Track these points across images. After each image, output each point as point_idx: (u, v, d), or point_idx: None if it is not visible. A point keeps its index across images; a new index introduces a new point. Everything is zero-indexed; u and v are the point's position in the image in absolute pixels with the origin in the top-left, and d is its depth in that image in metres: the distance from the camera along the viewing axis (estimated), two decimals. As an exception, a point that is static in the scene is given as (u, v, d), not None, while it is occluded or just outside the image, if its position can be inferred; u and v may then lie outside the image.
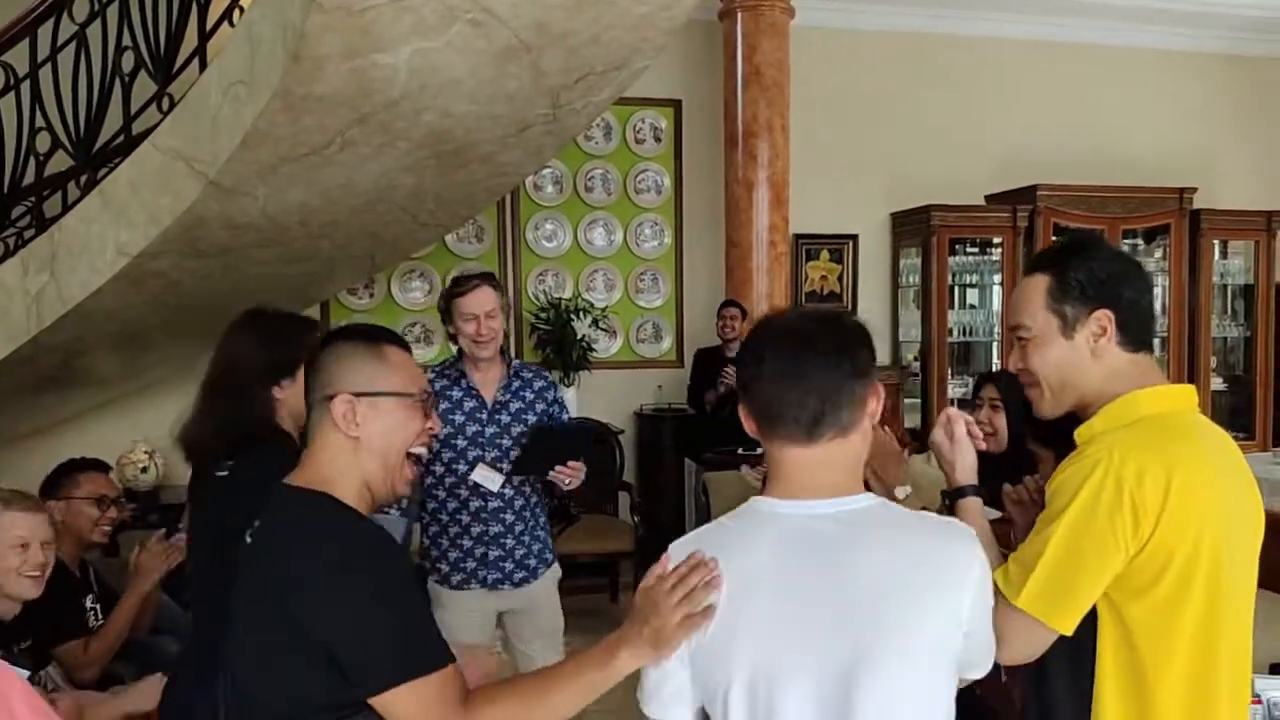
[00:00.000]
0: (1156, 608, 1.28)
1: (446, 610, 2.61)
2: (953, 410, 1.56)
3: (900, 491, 1.52)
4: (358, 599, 1.20)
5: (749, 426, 1.27)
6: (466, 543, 2.64)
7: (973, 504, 1.48)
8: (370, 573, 1.21)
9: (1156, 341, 1.83)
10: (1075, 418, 1.43)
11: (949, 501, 1.52)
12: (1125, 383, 1.37)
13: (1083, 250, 1.42)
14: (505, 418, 2.68)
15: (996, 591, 1.28)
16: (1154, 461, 1.27)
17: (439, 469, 2.63)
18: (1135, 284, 1.39)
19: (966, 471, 1.50)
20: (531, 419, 2.70)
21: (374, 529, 1.28)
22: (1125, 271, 1.40)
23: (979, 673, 1.27)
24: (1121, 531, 1.26)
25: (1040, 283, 1.41)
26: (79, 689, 2.40)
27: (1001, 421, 2.04)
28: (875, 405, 1.26)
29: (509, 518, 2.67)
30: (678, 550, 1.26)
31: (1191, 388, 1.43)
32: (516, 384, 2.73)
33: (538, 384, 2.77)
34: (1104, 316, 1.37)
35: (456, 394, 2.66)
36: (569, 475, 2.60)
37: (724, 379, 5.06)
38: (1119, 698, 1.31)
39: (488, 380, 2.68)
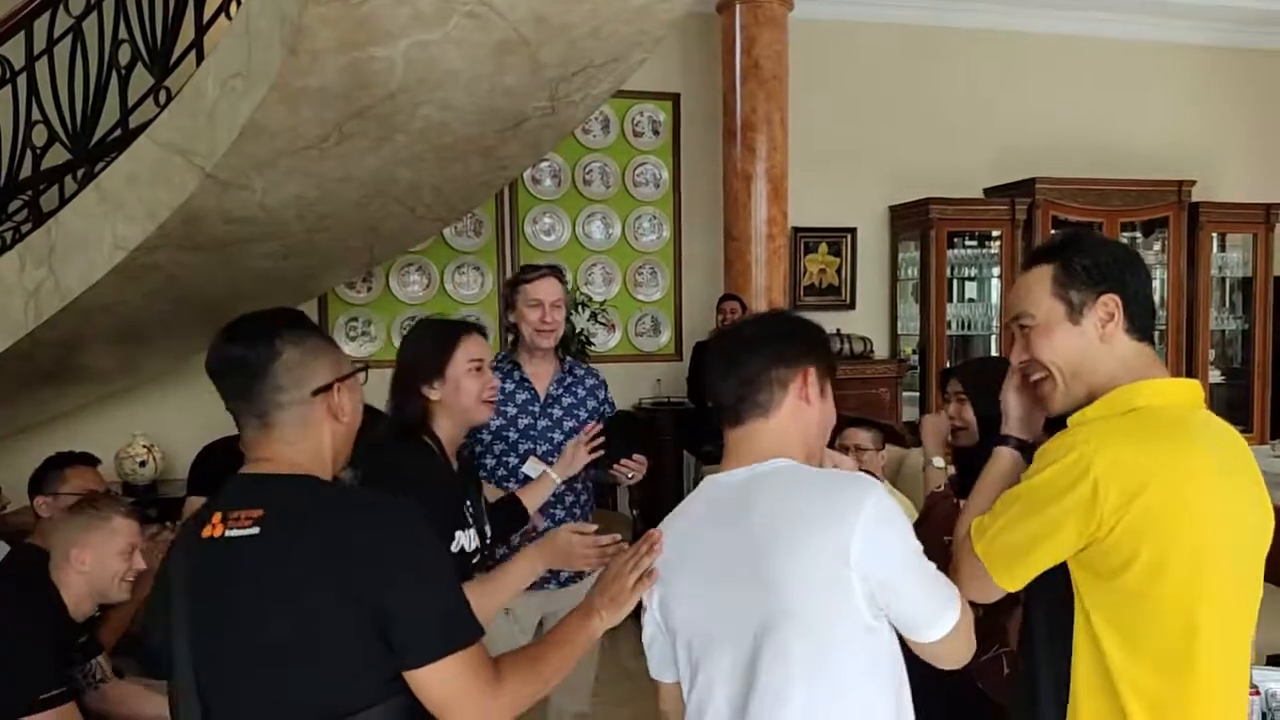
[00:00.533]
0: (1124, 595, 1.28)
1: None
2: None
3: (937, 461, 1.77)
4: (416, 569, 1.22)
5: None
6: (515, 538, 2.51)
7: (1004, 453, 1.52)
8: (423, 544, 1.25)
9: (1155, 335, 1.82)
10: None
11: (993, 444, 1.58)
12: (1129, 370, 1.35)
13: (1082, 240, 1.43)
14: (557, 411, 2.63)
15: (969, 534, 1.38)
16: (1131, 456, 1.25)
17: (490, 462, 2.57)
18: (1138, 272, 1.38)
19: (1013, 423, 1.54)
20: (583, 415, 2.64)
21: (411, 503, 1.28)
22: (1128, 259, 1.39)
23: (924, 634, 1.29)
24: (1076, 516, 1.26)
25: (1043, 272, 1.40)
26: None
27: (969, 414, 2.02)
28: (801, 386, 1.39)
29: (559, 513, 2.59)
30: (664, 523, 1.48)
31: (1196, 383, 1.40)
32: (569, 380, 2.68)
33: (589, 381, 2.73)
34: (1111, 300, 1.35)
35: (509, 386, 2.59)
36: (634, 469, 2.52)
37: None
38: (1089, 678, 1.31)
39: (541, 373, 2.64)
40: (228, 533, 1.22)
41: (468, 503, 2.07)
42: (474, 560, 2.04)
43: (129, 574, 2.30)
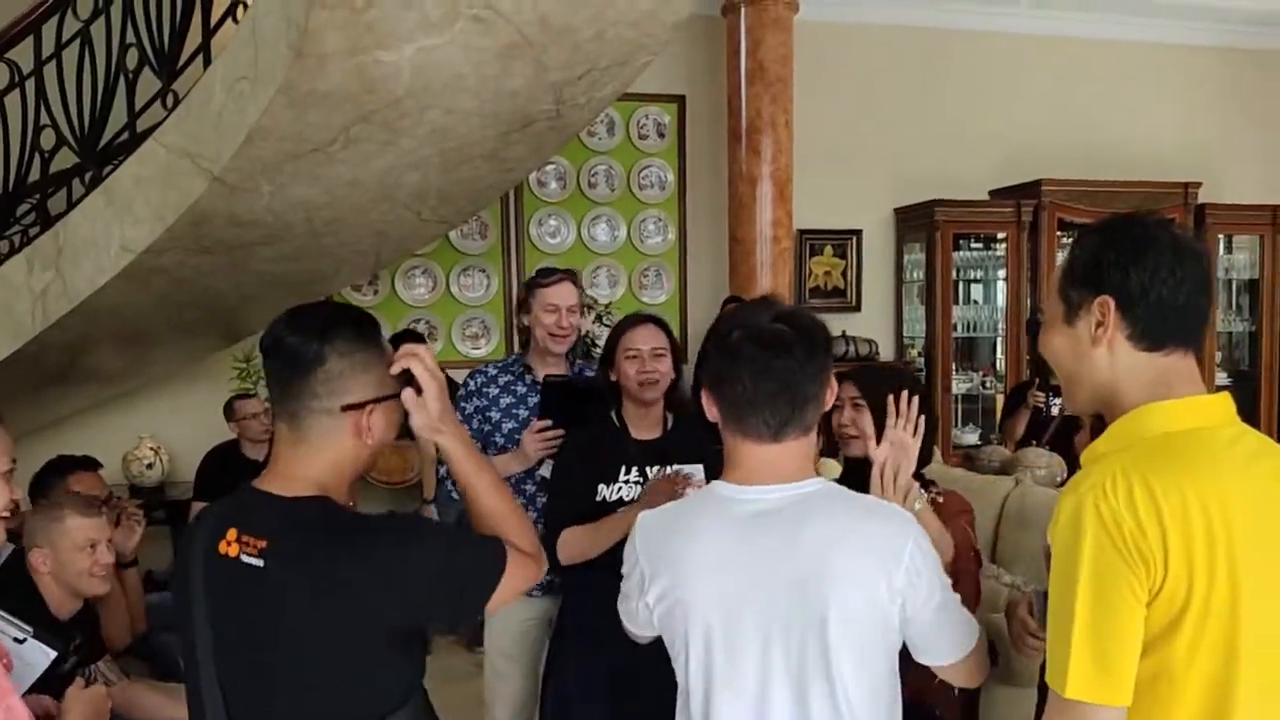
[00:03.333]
0: (1165, 664, 1.10)
1: (497, 615, 2.51)
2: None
3: (917, 504, 1.63)
4: (429, 570, 1.26)
5: (711, 413, 1.39)
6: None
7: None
8: (430, 534, 1.35)
9: (1190, 342, 1.24)
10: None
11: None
12: (1141, 387, 1.18)
13: (1109, 226, 1.24)
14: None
15: (1051, 692, 1.14)
16: (1147, 494, 1.09)
17: None
18: (1153, 268, 1.16)
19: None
20: None
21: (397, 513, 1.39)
22: (1139, 251, 1.17)
23: (948, 659, 1.38)
24: (1138, 574, 1.09)
25: (1062, 261, 1.27)
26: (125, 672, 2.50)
27: (866, 420, 1.90)
28: (830, 397, 1.40)
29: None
30: (648, 519, 1.45)
31: (1225, 397, 1.21)
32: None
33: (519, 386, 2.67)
34: (1103, 304, 1.18)
35: (521, 389, 2.58)
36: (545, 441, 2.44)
37: None
38: None
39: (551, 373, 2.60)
40: (242, 556, 1.22)
41: None
42: None
43: (96, 568, 2.33)
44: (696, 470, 2.28)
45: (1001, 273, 6.11)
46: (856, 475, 1.57)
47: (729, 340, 1.35)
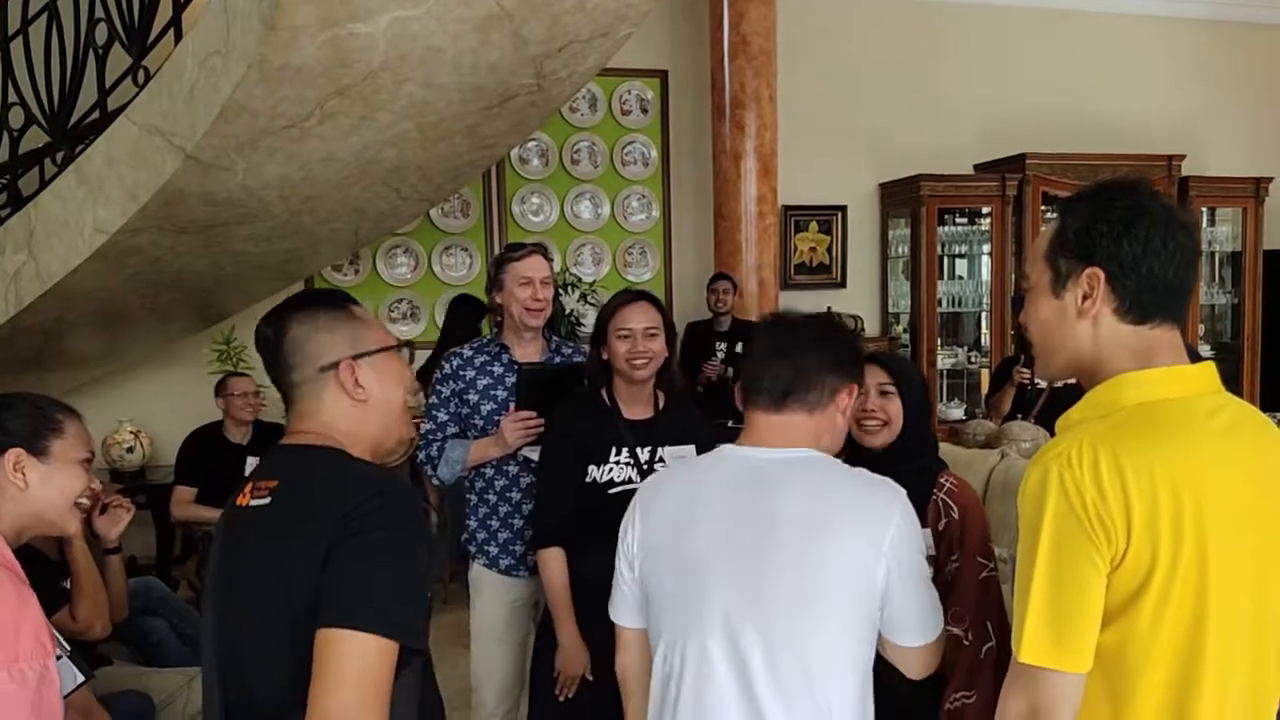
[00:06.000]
0: (1130, 634, 1.10)
1: (484, 596, 2.50)
2: None
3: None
4: (383, 545, 1.18)
5: (738, 399, 1.48)
6: (517, 522, 2.48)
7: None
8: (403, 529, 1.19)
9: (1175, 316, 1.21)
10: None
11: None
12: (1124, 358, 1.16)
13: (1100, 194, 1.19)
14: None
15: (1012, 657, 1.13)
16: (1113, 464, 1.07)
17: None
18: (1145, 239, 1.13)
19: None
20: None
21: (406, 488, 1.31)
22: (1132, 222, 1.14)
23: (912, 639, 1.38)
24: (1099, 545, 1.08)
25: (1049, 229, 1.23)
26: (96, 654, 2.43)
27: (896, 408, 1.82)
28: (846, 400, 1.45)
29: (491, 497, 2.53)
30: (650, 479, 1.58)
31: (1208, 366, 1.20)
32: (558, 360, 2.60)
33: (576, 359, 2.61)
34: (1093, 276, 1.15)
35: (498, 370, 2.52)
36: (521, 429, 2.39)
37: (707, 371, 5.07)
38: None
39: (530, 354, 2.55)
40: (251, 502, 1.26)
41: None
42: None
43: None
44: (688, 451, 2.25)
45: (986, 247, 6.11)
46: (873, 463, 1.53)
47: (755, 331, 1.56)
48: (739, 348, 5.18)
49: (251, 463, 3.73)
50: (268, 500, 1.24)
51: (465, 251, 5.61)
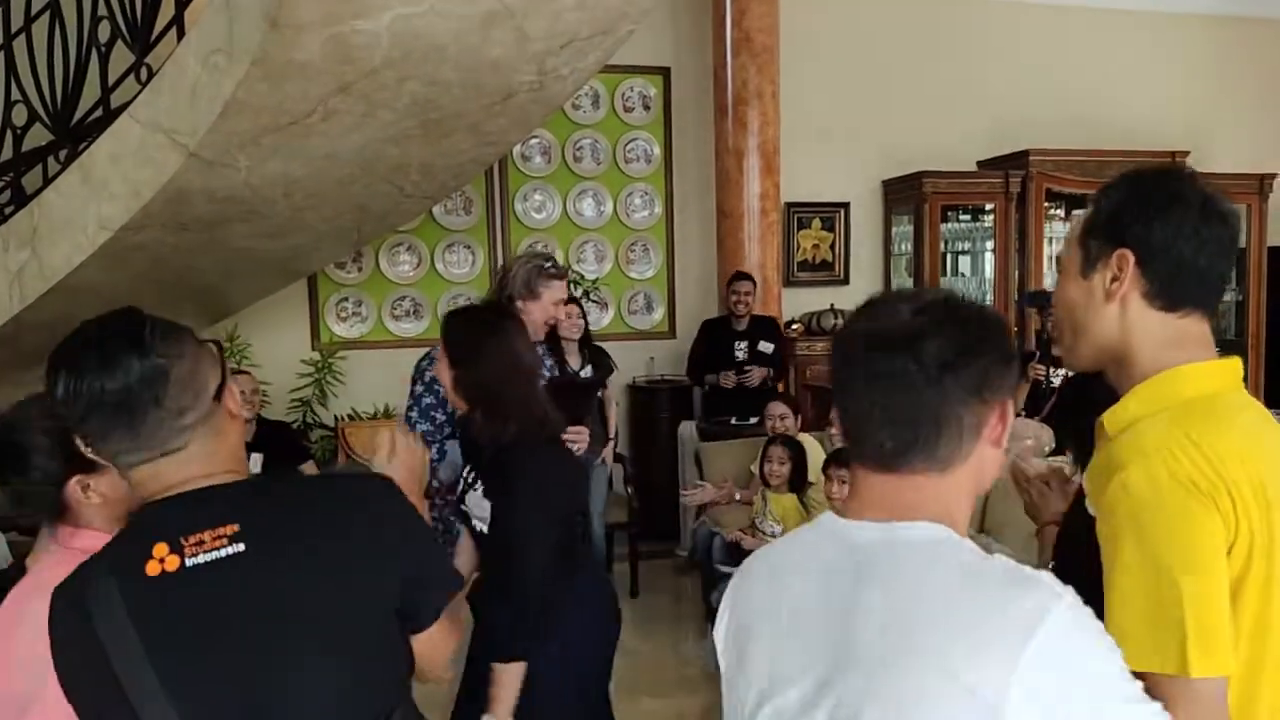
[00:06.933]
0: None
1: None
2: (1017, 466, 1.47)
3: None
4: (417, 527, 1.22)
5: (838, 431, 1.20)
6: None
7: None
8: (408, 504, 1.22)
9: (1207, 305, 1.20)
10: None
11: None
12: (1154, 348, 1.14)
13: (1136, 178, 1.16)
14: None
15: (1158, 676, 1.00)
16: (1212, 450, 1.05)
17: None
18: (1176, 224, 1.11)
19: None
20: None
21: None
22: (1165, 206, 1.12)
23: None
24: (1223, 541, 1.04)
25: (1085, 212, 1.20)
26: None
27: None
28: (999, 428, 1.00)
29: None
30: (746, 563, 1.13)
31: (1237, 361, 1.18)
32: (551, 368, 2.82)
33: (549, 361, 2.82)
34: (1122, 258, 1.13)
35: None
36: (576, 440, 2.49)
37: (724, 383, 5.09)
38: None
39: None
40: (192, 561, 1.03)
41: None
42: None
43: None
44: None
45: (989, 244, 6.10)
46: None
47: (849, 340, 1.01)
48: (761, 345, 5.18)
49: (255, 459, 3.74)
50: (238, 547, 1.04)
51: (468, 249, 5.62)
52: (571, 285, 5.45)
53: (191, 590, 1.03)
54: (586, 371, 4.39)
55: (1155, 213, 1.12)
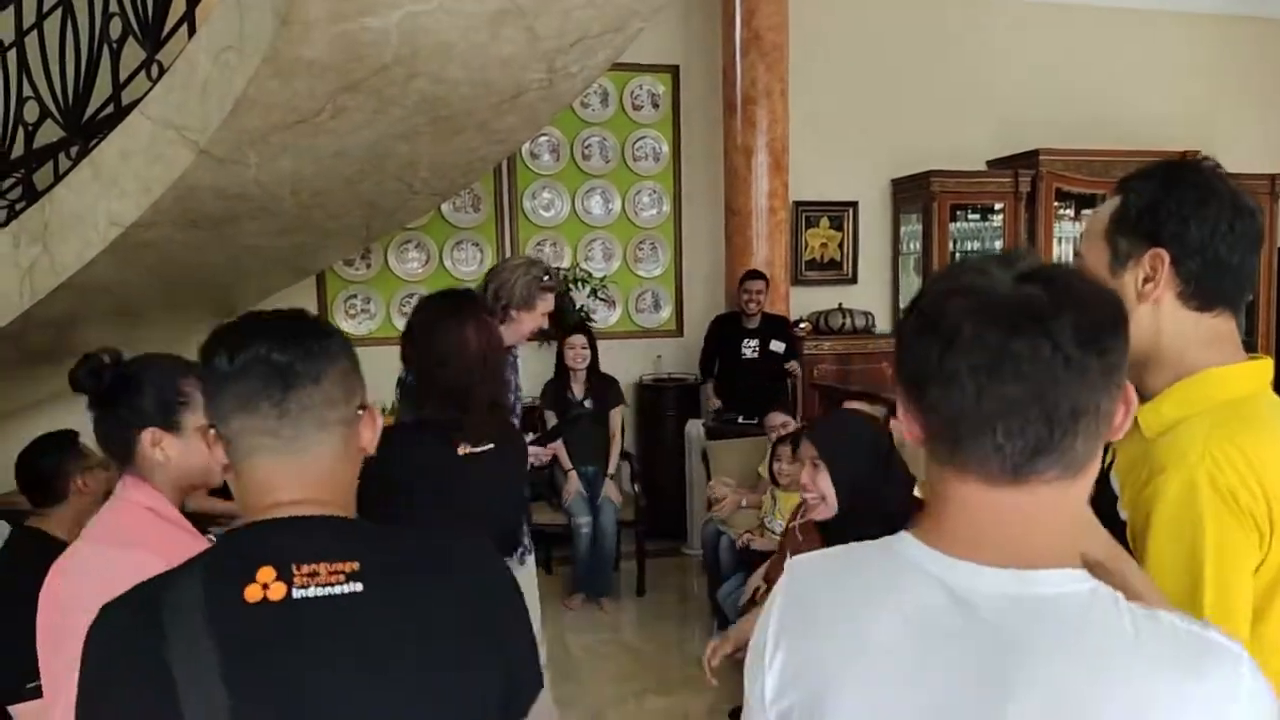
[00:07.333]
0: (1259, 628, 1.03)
1: None
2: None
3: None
4: (521, 605, 1.09)
5: (912, 433, 0.83)
6: None
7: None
8: (517, 588, 1.09)
9: (1238, 305, 1.20)
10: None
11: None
12: (1189, 348, 1.11)
13: (1167, 173, 1.13)
14: (511, 396, 2.75)
15: None
16: (1250, 459, 1.02)
17: None
18: (1211, 222, 1.08)
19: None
20: (512, 396, 2.79)
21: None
22: (1201, 203, 1.08)
23: None
24: (1255, 554, 1.02)
25: (1110, 205, 1.16)
26: None
27: (825, 482, 1.68)
28: (1123, 419, 0.80)
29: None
30: (802, 565, 0.91)
31: (1268, 362, 1.16)
32: (509, 359, 2.79)
33: (514, 359, 2.86)
34: (1157, 257, 1.10)
35: None
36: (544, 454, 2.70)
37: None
38: None
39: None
40: (300, 593, 0.93)
41: None
42: None
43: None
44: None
45: (998, 244, 6.08)
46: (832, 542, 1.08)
47: (940, 309, 0.79)
48: (773, 344, 5.18)
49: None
50: (355, 586, 0.95)
51: (476, 246, 5.62)
52: (579, 283, 5.47)
53: (294, 624, 0.93)
54: (588, 403, 4.67)
55: (1191, 210, 1.09)
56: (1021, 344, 0.74)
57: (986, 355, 0.75)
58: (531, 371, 4.77)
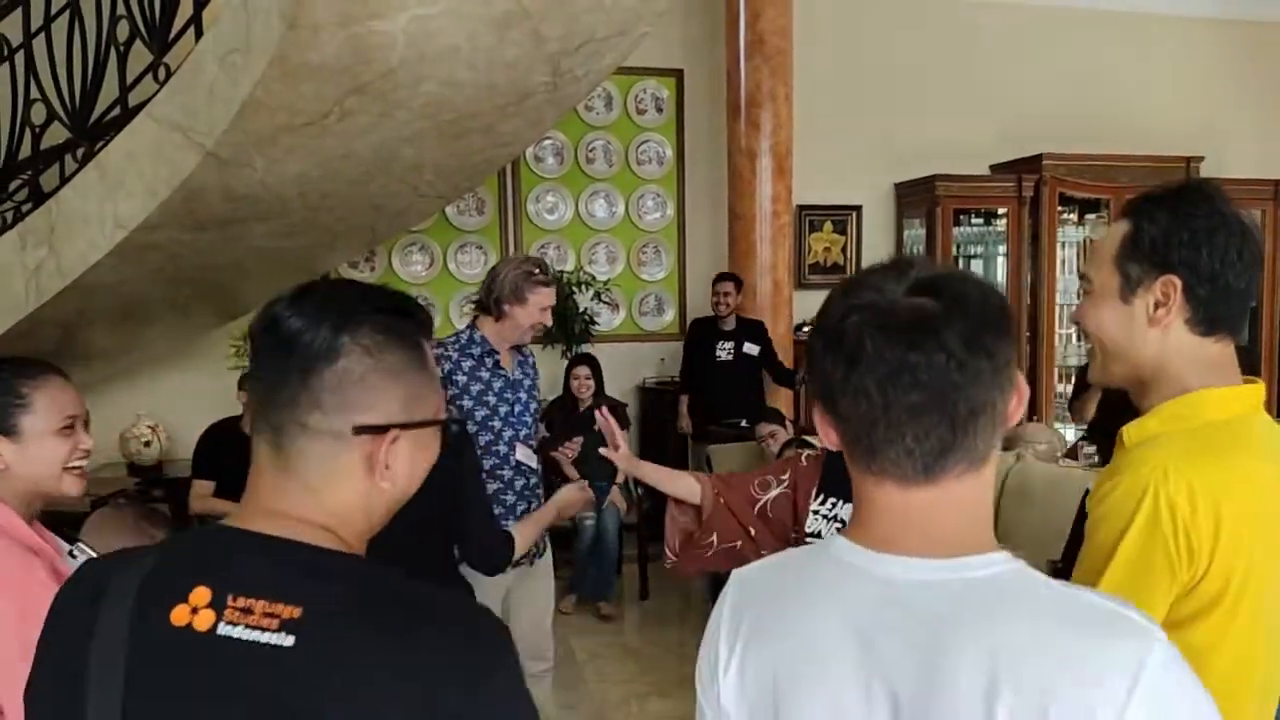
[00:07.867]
0: (1188, 649, 1.07)
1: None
2: None
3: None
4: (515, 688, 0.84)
5: (828, 438, 0.89)
6: (509, 522, 2.56)
7: None
8: (513, 657, 0.84)
9: (1240, 329, 1.23)
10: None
11: None
12: (1188, 369, 1.15)
13: (1177, 199, 1.16)
14: (523, 395, 2.76)
15: None
16: (1207, 484, 1.06)
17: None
18: (1222, 250, 1.12)
19: None
20: (530, 394, 2.79)
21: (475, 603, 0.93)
22: (1213, 232, 1.12)
23: None
24: (1176, 567, 1.06)
25: (1119, 231, 1.18)
26: None
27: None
28: (1017, 409, 0.86)
29: (542, 493, 2.74)
30: (746, 574, 0.97)
31: (1260, 386, 1.20)
32: (520, 359, 2.81)
33: (531, 359, 2.87)
34: (1169, 284, 1.13)
35: (484, 374, 2.67)
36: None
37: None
38: None
39: (507, 359, 2.75)
40: (225, 630, 0.79)
41: None
42: None
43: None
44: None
45: (1002, 248, 6.09)
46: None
47: (841, 328, 0.84)
48: (746, 347, 5.17)
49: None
50: (285, 639, 0.78)
51: (480, 249, 5.63)
52: (582, 286, 5.47)
53: (204, 668, 0.79)
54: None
55: (1204, 239, 1.12)
56: (918, 355, 0.80)
57: (888, 368, 0.81)
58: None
